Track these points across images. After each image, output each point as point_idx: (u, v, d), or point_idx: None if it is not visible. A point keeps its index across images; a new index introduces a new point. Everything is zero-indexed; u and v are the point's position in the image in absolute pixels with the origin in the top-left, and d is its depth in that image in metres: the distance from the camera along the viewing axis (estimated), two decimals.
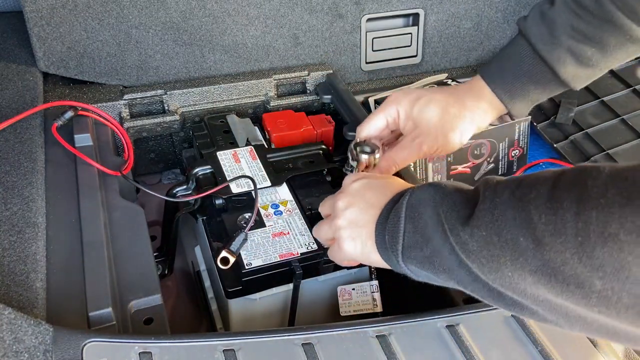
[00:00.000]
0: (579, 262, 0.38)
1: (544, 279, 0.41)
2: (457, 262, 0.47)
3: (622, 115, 1.03)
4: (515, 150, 1.05)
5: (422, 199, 0.51)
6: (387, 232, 0.54)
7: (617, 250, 0.36)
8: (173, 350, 0.51)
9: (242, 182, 0.78)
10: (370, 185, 0.60)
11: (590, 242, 0.37)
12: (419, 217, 0.50)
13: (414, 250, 0.51)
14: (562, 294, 0.40)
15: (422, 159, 0.96)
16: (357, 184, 0.60)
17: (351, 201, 0.59)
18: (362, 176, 0.62)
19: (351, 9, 1.04)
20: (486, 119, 0.71)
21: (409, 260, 0.52)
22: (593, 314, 0.40)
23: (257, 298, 0.68)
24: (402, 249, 0.52)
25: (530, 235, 0.41)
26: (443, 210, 0.49)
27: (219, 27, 0.98)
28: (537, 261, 0.41)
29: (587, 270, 0.38)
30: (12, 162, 0.71)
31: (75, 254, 0.62)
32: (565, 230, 0.39)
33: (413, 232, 0.51)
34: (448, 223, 0.48)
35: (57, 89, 0.94)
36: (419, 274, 0.53)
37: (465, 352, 0.55)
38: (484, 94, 0.70)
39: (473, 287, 0.47)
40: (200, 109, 0.98)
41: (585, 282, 0.38)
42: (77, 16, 0.90)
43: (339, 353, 0.54)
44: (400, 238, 0.52)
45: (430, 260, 0.49)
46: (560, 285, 0.40)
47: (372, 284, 0.72)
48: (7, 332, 0.48)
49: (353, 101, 0.97)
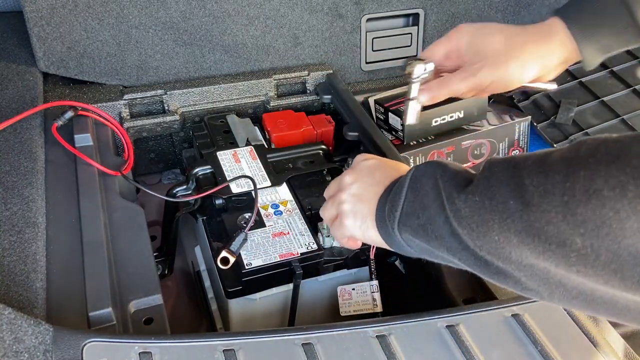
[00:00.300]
0: (562, 219, 0.39)
1: (529, 239, 0.41)
2: (449, 230, 0.48)
3: (622, 115, 1.03)
4: (515, 150, 1.05)
5: (426, 172, 0.52)
6: (389, 202, 0.55)
7: (600, 206, 0.37)
8: (173, 350, 0.51)
9: (242, 182, 0.78)
10: (380, 165, 0.61)
11: (575, 200, 0.38)
12: (421, 187, 0.52)
13: (411, 217, 0.52)
14: (544, 254, 0.41)
15: (422, 162, 0.96)
16: (367, 162, 0.62)
17: (358, 177, 0.60)
18: (372, 157, 0.63)
19: (351, 9, 1.04)
20: (552, 60, 0.64)
21: (404, 229, 0.53)
22: (572, 276, 0.40)
23: (257, 298, 0.68)
24: (399, 217, 0.53)
25: (520, 198, 0.42)
26: (443, 181, 0.50)
27: (219, 27, 0.98)
28: (523, 222, 0.41)
29: (570, 227, 0.39)
30: (12, 162, 0.71)
31: (75, 254, 0.62)
32: (553, 190, 0.40)
33: (412, 201, 0.52)
34: (445, 192, 0.49)
35: (57, 89, 0.94)
36: (410, 243, 0.53)
37: (465, 352, 0.55)
38: (555, 31, 0.63)
39: (461, 255, 0.48)
40: (200, 109, 0.98)
41: (567, 240, 0.39)
42: (77, 16, 0.90)
43: (339, 353, 0.54)
44: (399, 206, 0.53)
45: (424, 227, 0.50)
46: (542, 245, 0.41)
47: (372, 284, 0.72)
48: (7, 332, 0.48)
49: (353, 101, 0.97)
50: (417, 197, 0.52)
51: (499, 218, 0.43)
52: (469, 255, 0.47)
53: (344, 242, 0.64)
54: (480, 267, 0.47)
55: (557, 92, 1.09)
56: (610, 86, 1.10)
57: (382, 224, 0.56)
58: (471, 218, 0.46)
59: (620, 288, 0.39)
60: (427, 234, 0.51)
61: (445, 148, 0.97)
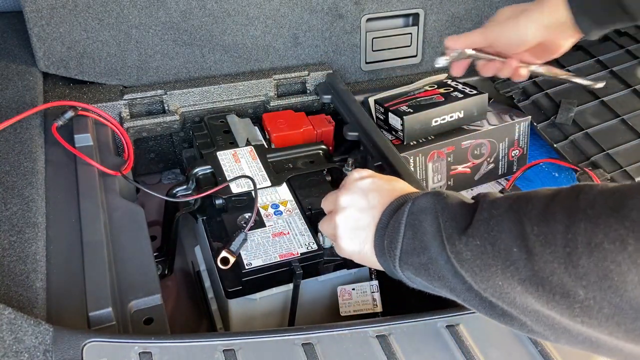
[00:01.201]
0: (565, 271, 0.39)
1: (532, 289, 0.42)
2: (451, 271, 0.48)
3: (622, 115, 1.03)
4: (515, 151, 1.05)
5: (423, 207, 0.51)
6: (387, 236, 0.54)
7: (602, 259, 0.37)
8: (173, 350, 0.51)
9: (242, 182, 0.78)
10: (374, 185, 0.60)
11: (577, 252, 0.39)
12: (419, 224, 0.51)
13: (411, 256, 0.51)
14: (548, 304, 0.41)
15: (422, 162, 0.96)
16: (361, 183, 0.60)
17: (353, 200, 0.59)
18: (367, 175, 0.62)
19: (351, 9, 1.04)
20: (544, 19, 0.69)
21: (406, 267, 0.52)
22: (577, 325, 0.41)
23: (257, 298, 0.68)
24: (399, 255, 0.52)
25: (523, 246, 0.42)
26: (443, 220, 0.49)
27: (219, 27, 0.98)
28: (527, 271, 0.42)
29: (572, 279, 0.39)
30: (12, 162, 0.71)
31: (75, 254, 0.62)
32: (555, 241, 0.40)
33: (412, 239, 0.51)
34: (446, 232, 0.48)
35: (57, 89, 0.94)
36: (414, 280, 0.53)
37: (465, 352, 0.55)
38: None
39: (465, 296, 0.48)
40: (200, 109, 0.98)
41: (570, 291, 0.39)
42: (77, 16, 0.90)
43: (339, 353, 0.54)
44: (399, 243, 0.52)
45: (426, 267, 0.50)
46: (547, 295, 0.41)
47: (372, 284, 0.72)
48: (7, 332, 0.48)
49: (353, 101, 0.97)
50: (417, 235, 0.51)
51: (502, 265, 0.43)
52: (473, 296, 0.47)
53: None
54: (485, 309, 0.47)
55: (557, 92, 1.09)
56: (610, 86, 1.10)
57: (382, 258, 0.55)
58: (473, 262, 0.46)
59: (624, 340, 0.39)
60: (429, 274, 0.50)
61: (445, 148, 0.97)
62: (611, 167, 0.95)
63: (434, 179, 0.99)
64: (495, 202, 0.47)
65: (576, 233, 0.39)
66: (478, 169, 1.03)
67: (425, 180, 0.98)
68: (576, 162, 0.96)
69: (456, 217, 0.49)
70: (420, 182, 0.79)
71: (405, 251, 0.52)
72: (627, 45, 1.17)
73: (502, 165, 1.05)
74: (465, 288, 0.47)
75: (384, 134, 0.89)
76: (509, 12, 0.72)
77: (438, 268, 0.49)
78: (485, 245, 0.45)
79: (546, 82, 1.10)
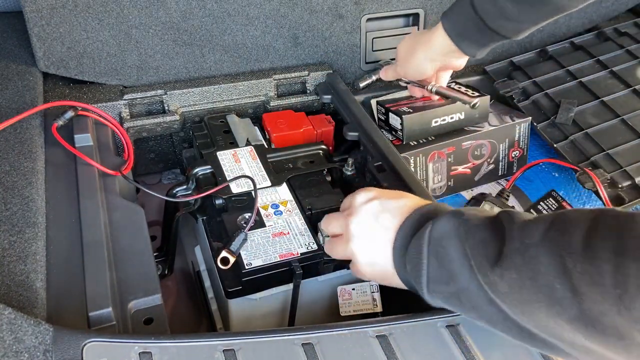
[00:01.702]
0: (618, 314, 0.38)
1: (582, 328, 0.41)
2: (486, 300, 0.47)
3: (622, 115, 1.03)
4: (515, 151, 1.05)
5: (445, 233, 0.50)
6: (409, 262, 0.53)
7: None
8: (173, 350, 0.51)
9: (242, 182, 0.78)
10: (383, 207, 0.59)
11: (629, 294, 0.38)
12: (444, 251, 0.50)
13: (439, 285, 0.51)
14: (602, 344, 0.40)
15: (423, 162, 0.96)
16: (369, 206, 0.59)
17: (365, 225, 0.58)
18: (373, 196, 0.60)
19: (351, 9, 1.04)
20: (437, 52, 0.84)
21: (435, 295, 0.52)
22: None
23: (257, 298, 0.68)
24: (427, 282, 0.52)
25: (567, 283, 0.41)
26: (469, 246, 0.48)
27: (219, 27, 0.98)
28: (575, 310, 0.40)
29: (627, 322, 0.38)
30: (12, 162, 0.71)
31: (75, 254, 0.62)
32: (603, 281, 0.39)
33: (438, 267, 0.50)
34: (475, 260, 0.47)
35: (57, 89, 0.94)
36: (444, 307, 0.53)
37: (465, 352, 0.55)
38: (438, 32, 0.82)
39: (503, 326, 0.47)
40: (200, 109, 0.98)
41: (626, 334, 0.38)
42: (77, 16, 0.90)
43: (339, 353, 0.54)
44: (423, 271, 0.51)
45: (457, 296, 0.49)
46: (599, 335, 0.40)
47: (372, 284, 0.72)
48: (7, 332, 0.48)
49: (353, 101, 0.97)
50: (443, 263, 0.50)
51: (545, 302, 0.42)
52: (511, 325, 0.46)
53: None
54: (524, 338, 0.46)
55: (557, 92, 1.09)
56: (610, 86, 1.10)
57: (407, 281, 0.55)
58: (512, 295, 0.44)
59: None
60: (461, 303, 0.49)
61: (446, 149, 0.97)
62: (611, 167, 0.95)
63: (434, 179, 0.99)
64: (525, 230, 0.45)
65: (627, 275, 0.38)
66: (478, 170, 1.03)
67: (425, 181, 0.98)
68: (576, 162, 0.96)
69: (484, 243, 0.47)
70: (421, 182, 0.79)
71: (432, 279, 0.51)
72: (627, 45, 1.17)
73: (502, 166, 1.05)
74: (502, 317, 0.46)
75: (384, 134, 0.89)
76: (406, 49, 0.89)
77: (470, 297, 0.48)
78: (524, 280, 0.43)
79: (546, 82, 1.10)
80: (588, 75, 1.11)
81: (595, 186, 0.90)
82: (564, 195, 1.00)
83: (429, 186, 0.98)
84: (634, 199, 0.91)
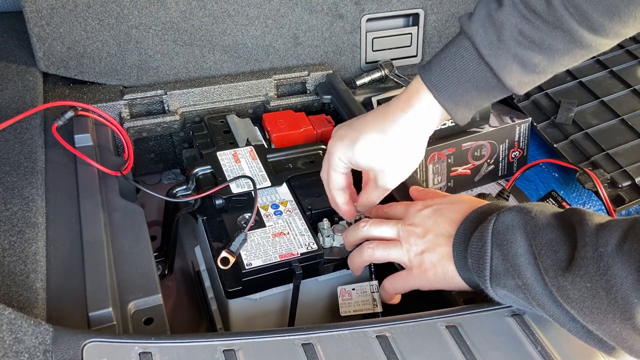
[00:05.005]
0: None
1: None
2: (553, 301, 0.46)
3: (622, 115, 1.03)
4: (515, 152, 1.05)
5: (510, 226, 0.50)
6: (470, 256, 0.53)
7: None
8: (173, 351, 0.51)
9: (242, 182, 0.78)
10: (441, 211, 0.59)
11: None
12: (508, 245, 0.49)
13: (505, 277, 0.50)
14: None
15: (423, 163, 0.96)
16: (426, 212, 0.60)
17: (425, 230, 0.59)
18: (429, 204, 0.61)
19: (351, 9, 1.04)
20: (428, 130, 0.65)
21: (499, 287, 0.52)
22: None
23: (257, 298, 0.68)
24: (490, 275, 0.52)
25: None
26: (536, 245, 0.47)
27: (219, 27, 0.98)
28: None
29: None
30: (12, 162, 0.71)
31: (75, 254, 0.62)
32: None
33: (502, 260, 0.50)
34: (542, 262, 0.47)
35: (57, 89, 0.94)
36: (507, 300, 0.52)
37: (466, 352, 0.55)
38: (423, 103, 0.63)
39: (570, 326, 0.47)
40: (200, 109, 0.98)
41: None
42: (77, 16, 0.90)
43: (339, 353, 0.54)
44: (487, 264, 0.51)
45: (523, 290, 0.49)
46: None
47: (372, 284, 0.72)
48: (7, 332, 0.48)
49: (353, 101, 0.97)
50: (507, 257, 0.49)
51: (620, 315, 0.42)
52: (579, 328, 0.46)
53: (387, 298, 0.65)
54: (592, 341, 0.46)
55: (557, 92, 1.09)
56: (610, 86, 1.10)
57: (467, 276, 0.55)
58: (583, 302, 0.44)
59: None
60: (526, 297, 0.49)
61: (446, 150, 0.97)
62: (611, 167, 0.95)
63: (434, 180, 0.99)
64: (599, 237, 0.44)
65: None
66: (478, 170, 1.03)
67: (425, 182, 0.98)
68: (576, 162, 0.96)
69: (553, 245, 0.47)
70: (421, 182, 0.79)
71: (496, 272, 0.51)
72: (627, 45, 1.17)
73: (502, 167, 1.05)
74: (570, 319, 0.46)
75: None
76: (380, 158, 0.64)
77: (535, 294, 0.48)
78: (598, 289, 0.43)
79: (546, 82, 1.10)
80: (588, 75, 1.11)
81: (595, 186, 0.90)
82: (564, 196, 1.00)
83: (428, 187, 0.98)
84: (634, 199, 0.91)
